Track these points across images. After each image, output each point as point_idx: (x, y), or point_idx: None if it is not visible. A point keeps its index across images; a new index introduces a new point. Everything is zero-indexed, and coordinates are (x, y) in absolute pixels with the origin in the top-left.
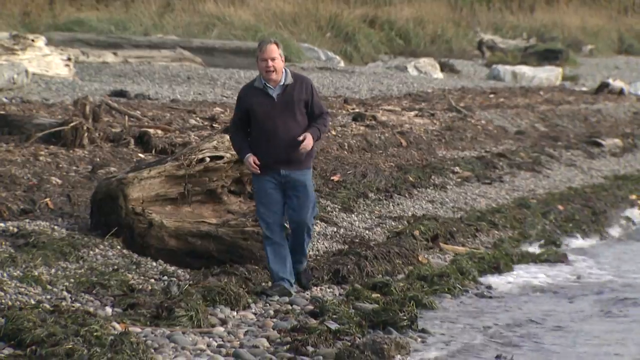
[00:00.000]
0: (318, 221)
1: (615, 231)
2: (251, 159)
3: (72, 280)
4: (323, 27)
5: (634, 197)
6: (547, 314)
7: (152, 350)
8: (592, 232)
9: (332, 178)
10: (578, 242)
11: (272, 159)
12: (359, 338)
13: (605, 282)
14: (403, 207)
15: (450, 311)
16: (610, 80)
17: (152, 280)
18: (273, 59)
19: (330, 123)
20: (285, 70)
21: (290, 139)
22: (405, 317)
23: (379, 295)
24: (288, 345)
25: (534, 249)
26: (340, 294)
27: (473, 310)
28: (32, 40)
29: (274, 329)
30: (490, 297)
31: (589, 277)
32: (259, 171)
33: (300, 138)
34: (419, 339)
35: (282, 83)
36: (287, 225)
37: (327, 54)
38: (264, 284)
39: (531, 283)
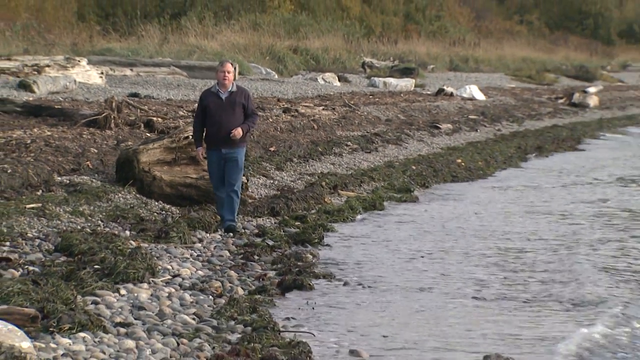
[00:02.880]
0: (260, 176)
1: (443, 183)
2: (200, 151)
3: (103, 213)
4: (264, 53)
5: (459, 160)
6: (401, 230)
7: (155, 258)
8: (433, 183)
9: (270, 149)
10: (425, 190)
11: (217, 141)
12: (287, 250)
13: (441, 213)
14: (315, 167)
15: (344, 232)
16: (445, 87)
17: (155, 214)
18: (228, 72)
19: (258, 120)
20: (233, 83)
21: (229, 128)
22: (316, 237)
23: (299, 223)
24: (242, 255)
25: (397, 194)
26: (274, 223)
27: (358, 231)
28: (78, 61)
29: (233, 245)
30: (374, 225)
31: (431, 209)
32: (203, 160)
33: (236, 132)
34: (325, 249)
35: (229, 90)
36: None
37: (266, 70)
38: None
39: (395, 215)
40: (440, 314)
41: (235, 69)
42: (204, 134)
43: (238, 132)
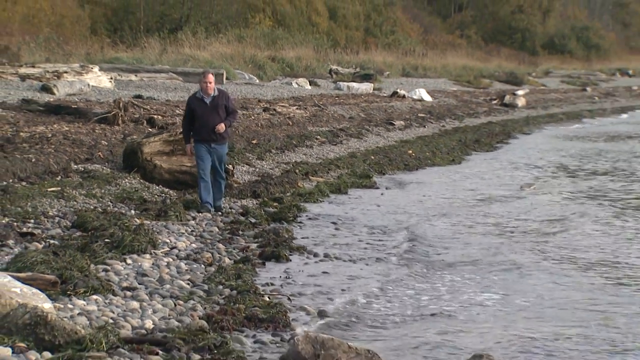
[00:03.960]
0: (244, 165)
1: (397, 170)
2: (188, 147)
3: (112, 195)
4: (247, 61)
5: (410, 151)
6: (362, 210)
7: (156, 233)
8: (389, 171)
9: (252, 142)
10: (382, 176)
11: (205, 137)
12: (267, 226)
13: (395, 195)
14: (290, 157)
15: (314, 211)
16: (398, 90)
17: (156, 196)
18: (210, 82)
19: (238, 117)
20: (214, 88)
21: (214, 126)
22: (291, 215)
23: (277, 204)
24: (229, 230)
25: (359, 179)
26: (256, 203)
27: (326, 211)
28: (91, 68)
29: (221, 222)
30: (339, 206)
31: (387, 193)
32: (191, 155)
33: (219, 127)
34: (298, 227)
35: (212, 95)
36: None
37: (249, 76)
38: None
39: (357, 197)
40: (390, 279)
41: (223, 75)
42: (193, 132)
43: (221, 126)
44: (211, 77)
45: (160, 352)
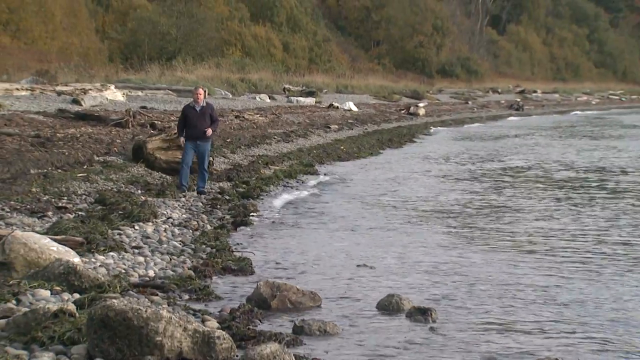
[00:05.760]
0: (221, 157)
1: (332, 161)
2: (182, 139)
3: (124, 179)
4: (223, 82)
5: (342, 147)
6: (306, 190)
7: (156, 207)
8: (325, 162)
9: (227, 140)
10: (322, 165)
11: (193, 136)
12: (238, 202)
13: (330, 179)
14: (255, 151)
15: (273, 191)
16: (333, 103)
17: (156, 180)
18: (199, 94)
19: (220, 123)
20: (204, 100)
21: (202, 129)
22: (255, 194)
23: (245, 185)
24: (210, 205)
25: (304, 167)
26: (230, 185)
27: (280, 191)
28: (109, 86)
29: (204, 199)
30: (291, 187)
31: (324, 177)
32: (183, 143)
33: (206, 130)
34: (260, 201)
35: (201, 105)
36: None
37: (225, 92)
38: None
39: (305, 180)
40: (331, 241)
41: (205, 91)
42: (185, 132)
43: (209, 132)
44: (201, 91)
45: (159, 293)
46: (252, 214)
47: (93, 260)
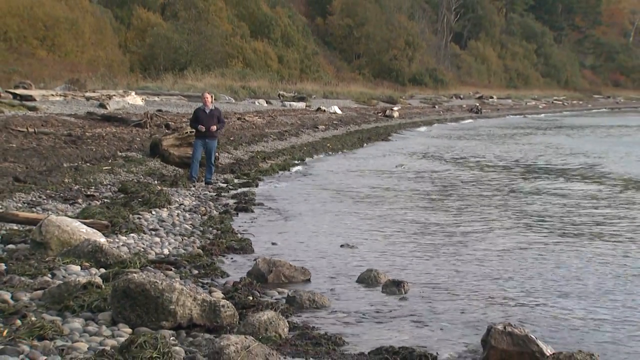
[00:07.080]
0: (225, 152)
1: (320, 156)
2: (198, 127)
3: (143, 171)
4: (227, 89)
5: (329, 144)
6: (299, 181)
7: (170, 195)
8: (315, 155)
9: (230, 138)
10: (311, 158)
11: (203, 135)
12: (239, 190)
13: (320, 170)
14: (254, 148)
15: (270, 181)
16: (321, 107)
17: (170, 172)
18: (207, 98)
19: (226, 124)
20: (212, 103)
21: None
22: (254, 184)
23: (246, 177)
24: (216, 193)
25: (297, 161)
26: (233, 177)
27: (276, 181)
28: (130, 92)
29: (211, 188)
30: (285, 177)
31: (315, 169)
32: (203, 129)
33: (212, 128)
34: (259, 190)
35: (210, 108)
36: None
37: (229, 98)
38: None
39: (295, 172)
40: (322, 226)
41: (212, 96)
42: (195, 131)
43: (213, 127)
44: (208, 95)
45: (173, 268)
46: (251, 200)
47: (116, 240)
